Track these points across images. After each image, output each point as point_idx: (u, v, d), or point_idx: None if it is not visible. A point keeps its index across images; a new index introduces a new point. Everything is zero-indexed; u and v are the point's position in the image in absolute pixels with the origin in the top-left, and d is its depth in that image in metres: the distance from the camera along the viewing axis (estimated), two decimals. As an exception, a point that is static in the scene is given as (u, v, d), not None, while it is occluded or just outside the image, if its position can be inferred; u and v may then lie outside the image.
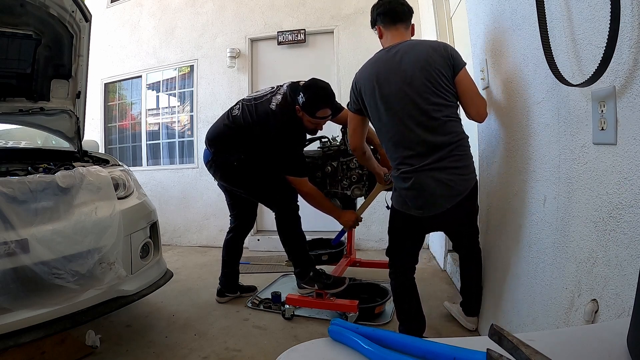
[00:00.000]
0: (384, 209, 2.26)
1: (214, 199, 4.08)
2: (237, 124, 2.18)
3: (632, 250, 0.79)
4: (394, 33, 1.67)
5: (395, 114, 1.54)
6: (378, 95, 1.57)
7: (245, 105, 2.21)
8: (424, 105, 1.50)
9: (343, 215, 2.30)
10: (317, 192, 2.22)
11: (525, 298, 1.37)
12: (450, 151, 1.50)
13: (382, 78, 1.57)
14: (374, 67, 1.61)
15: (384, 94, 1.55)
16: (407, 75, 1.51)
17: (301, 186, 2.16)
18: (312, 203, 2.22)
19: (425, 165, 1.50)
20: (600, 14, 0.86)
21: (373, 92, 1.58)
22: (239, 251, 2.52)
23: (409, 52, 1.56)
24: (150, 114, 4.67)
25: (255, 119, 2.13)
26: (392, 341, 0.47)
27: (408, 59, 1.53)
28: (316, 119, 2.07)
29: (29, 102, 2.17)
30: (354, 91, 1.69)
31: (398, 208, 1.65)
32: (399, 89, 1.52)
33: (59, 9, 1.94)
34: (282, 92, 2.17)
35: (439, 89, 1.50)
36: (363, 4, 3.88)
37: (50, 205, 1.59)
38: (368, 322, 2.10)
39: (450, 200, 1.52)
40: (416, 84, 1.50)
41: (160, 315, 2.28)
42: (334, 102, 2.11)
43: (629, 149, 0.80)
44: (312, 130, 2.18)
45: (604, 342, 0.48)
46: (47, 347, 1.68)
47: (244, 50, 4.15)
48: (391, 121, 1.56)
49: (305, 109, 2.05)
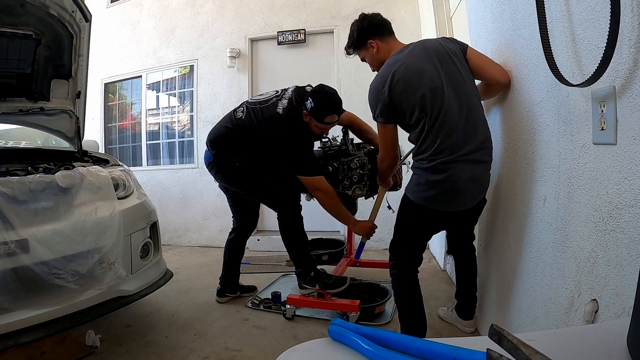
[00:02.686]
0: (384, 210, 2.26)
1: (214, 199, 4.08)
2: (241, 126, 2.17)
3: (632, 250, 0.79)
4: (394, 42, 1.68)
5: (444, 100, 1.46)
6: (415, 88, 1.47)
7: (251, 108, 2.20)
8: (468, 89, 1.50)
9: (358, 224, 2.23)
10: (334, 193, 2.12)
11: (525, 298, 1.37)
12: (483, 142, 1.49)
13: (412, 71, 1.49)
14: (400, 67, 1.51)
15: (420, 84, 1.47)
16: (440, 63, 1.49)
17: (317, 185, 2.08)
18: (328, 205, 2.12)
19: (462, 155, 1.44)
20: (600, 14, 0.86)
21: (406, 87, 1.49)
22: (241, 251, 2.52)
23: (426, 47, 1.55)
24: (150, 114, 4.67)
25: (261, 122, 2.13)
26: (392, 341, 0.47)
27: (432, 53, 1.52)
28: (324, 124, 2.08)
29: (29, 102, 2.17)
30: (380, 97, 1.54)
31: (421, 204, 1.55)
32: (432, 77, 1.47)
33: (59, 9, 1.94)
34: (288, 96, 2.17)
35: (467, 74, 1.52)
36: (363, 4, 3.88)
37: (50, 205, 1.59)
38: (368, 322, 2.10)
39: (478, 196, 1.56)
40: (452, 69, 1.50)
41: (160, 315, 2.28)
42: (341, 108, 2.12)
43: (629, 149, 0.80)
44: (318, 135, 2.19)
45: (604, 342, 0.48)
46: (47, 347, 1.69)
47: (244, 50, 4.15)
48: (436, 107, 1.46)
49: (313, 115, 2.05)
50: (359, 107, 2.86)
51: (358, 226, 2.24)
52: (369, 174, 2.32)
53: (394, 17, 3.78)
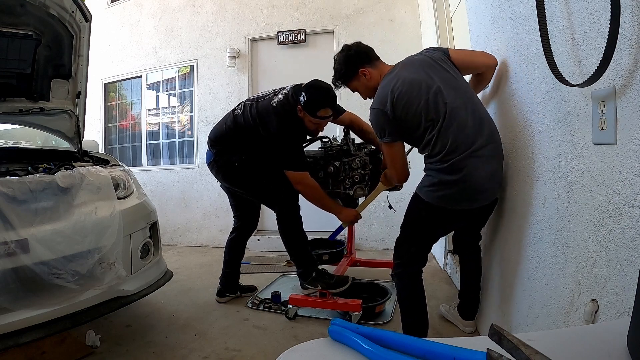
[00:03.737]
0: (384, 210, 2.26)
1: (214, 199, 4.08)
2: (238, 124, 2.18)
3: (632, 250, 0.79)
4: (383, 65, 1.74)
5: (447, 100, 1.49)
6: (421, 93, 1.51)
7: (247, 104, 2.21)
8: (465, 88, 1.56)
9: (343, 211, 2.30)
10: (317, 187, 2.16)
11: (525, 298, 1.37)
12: (491, 136, 1.51)
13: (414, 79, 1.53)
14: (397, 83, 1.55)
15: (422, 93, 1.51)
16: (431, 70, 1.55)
17: (301, 180, 2.11)
18: (312, 198, 2.17)
19: (475, 151, 1.46)
20: (600, 14, 0.86)
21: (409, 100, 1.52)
22: (241, 251, 2.52)
23: (413, 61, 1.63)
24: (150, 114, 4.67)
25: (255, 116, 2.13)
26: (392, 341, 0.47)
27: (421, 64, 1.59)
28: (317, 118, 2.07)
29: (29, 102, 2.17)
30: (382, 117, 1.56)
31: (436, 204, 1.54)
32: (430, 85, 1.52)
33: (59, 9, 1.94)
34: (284, 92, 2.18)
35: (457, 75, 1.58)
36: (363, 4, 3.89)
37: (50, 205, 1.59)
38: (369, 322, 2.10)
39: (496, 192, 1.57)
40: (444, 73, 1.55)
41: (160, 315, 2.28)
42: (335, 102, 2.12)
43: (629, 149, 0.80)
44: (313, 131, 2.18)
45: (604, 342, 0.48)
46: (47, 347, 1.69)
47: (244, 50, 4.15)
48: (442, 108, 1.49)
49: (306, 109, 2.05)
50: (359, 107, 2.85)
51: (343, 214, 2.30)
52: (370, 174, 2.32)
53: (394, 17, 3.81)
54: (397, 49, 3.43)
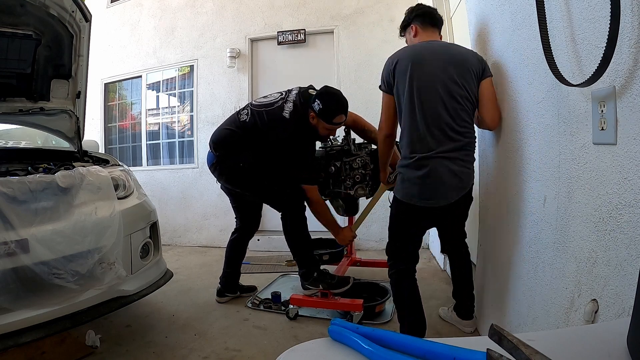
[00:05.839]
0: (384, 209, 2.26)
1: (214, 199, 4.08)
2: (245, 129, 2.19)
3: (632, 250, 0.79)
4: (429, 34, 1.76)
5: (426, 93, 1.56)
6: (411, 73, 1.59)
7: (255, 111, 2.20)
8: (453, 90, 1.56)
9: (341, 232, 2.35)
10: (323, 203, 2.26)
11: (525, 298, 1.37)
12: (465, 145, 1.58)
13: (420, 58, 1.61)
14: (414, 50, 1.66)
15: (418, 73, 1.58)
16: (444, 62, 1.58)
17: (310, 193, 2.20)
18: (315, 212, 2.25)
19: (441, 152, 1.54)
20: (600, 14, 0.86)
21: (406, 69, 1.60)
22: (243, 251, 2.53)
23: (448, 47, 1.69)
24: (150, 114, 4.67)
25: (267, 125, 2.15)
26: (392, 341, 0.47)
27: (447, 51, 1.63)
28: (332, 125, 2.11)
29: (29, 102, 2.17)
30: (388, 68, 1.68)
31: (405, 200, 1.63)
32: (433, 71, 1.57)
33: (59, 9, 1.94)
34: (292, 99, 2.19)
35: (465, 85, 1.58)
36: (363, 4, 3.89)
37: (50, 205, 1.59)
38: (369, 321, 2.10)
39: (459, 192, 1.59)
40: (450, 72, 1.57)
41: (160, 315, 2.28)
42: (347, 108, 2.15)
43: (629, 149, 0.80)
44: (324, 136, 2.23)
45: (604, 342, 0.48)
46: (47, 347, 1.69)
47: (244, 50, 4.15)
48: (419, 99, 1.57)
49: (322, 116, 2.08)
50: (360, 107, 2.86)
51: (340, 236, 2.34)
52: (371, 174, 2.33)
53: (394, 17, 3.80)
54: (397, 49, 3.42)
